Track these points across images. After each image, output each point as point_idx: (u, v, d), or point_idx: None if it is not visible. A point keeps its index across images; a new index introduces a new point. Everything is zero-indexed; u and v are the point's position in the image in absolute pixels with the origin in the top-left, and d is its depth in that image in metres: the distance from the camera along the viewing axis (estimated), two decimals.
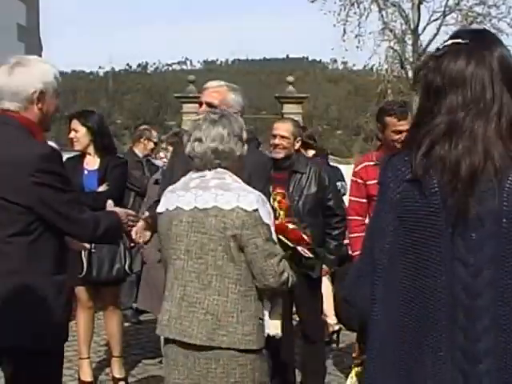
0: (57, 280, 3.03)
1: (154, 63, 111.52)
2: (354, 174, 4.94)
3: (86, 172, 5.29)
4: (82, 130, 5.24)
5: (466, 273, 1.81)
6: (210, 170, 3.17)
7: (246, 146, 3.27)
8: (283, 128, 5.11)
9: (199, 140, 3.17)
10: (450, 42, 1.94)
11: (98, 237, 3.19)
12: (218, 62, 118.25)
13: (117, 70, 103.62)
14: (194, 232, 3.10)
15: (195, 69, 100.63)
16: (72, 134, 5.28)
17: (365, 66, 29.01)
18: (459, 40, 1.91)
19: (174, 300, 3.16)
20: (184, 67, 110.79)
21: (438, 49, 1.98)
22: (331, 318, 6.31)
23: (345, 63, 44.64)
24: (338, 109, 73.38)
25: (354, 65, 44.68)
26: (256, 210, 3.05)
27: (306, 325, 5.27)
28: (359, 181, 4.83)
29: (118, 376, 5.44)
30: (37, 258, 2.96)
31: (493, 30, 24.71)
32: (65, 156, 6.06)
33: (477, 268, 1.80)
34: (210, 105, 4.03)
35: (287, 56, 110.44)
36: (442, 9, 24.73)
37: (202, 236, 3.08)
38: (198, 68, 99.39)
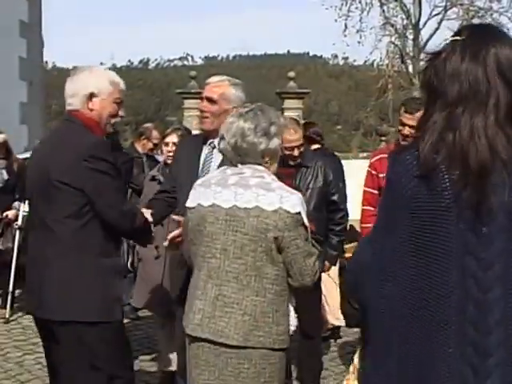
0: (105, 263, 3.27)
1: (156, 59, 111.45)
2: (370, 165, 5.04)
3: None
4: None
5: (478, 266, 1.81)
6: (235, 165, 3.15)
7: (276, 140, 3.18)
8: (295, 138, 4.90)
9: (222, 137, 3.17)
10: (450, 39, 1.94)
11: (134, 230, 3.36)
12: (219, 58, 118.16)
13: (118, 66, 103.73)
14: (231, 231, 3.02)
15: (196, 65, 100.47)
16: None
17: (365, 62, 28.98)
18: (457, 37, 1.92)
19: (208, 299, 3.08)
20: (185, 63, 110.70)
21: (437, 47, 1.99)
22: (332, 315, 6.26)
23: (345, 58, 44.60)
24: (338, 104, 73.21)
25: (354, 60, 44.67)
26: (299, 213, 3.01)
27: (303, 320, 5.20)
28: (373, 172, 4.90)
29: None
30: (86, 241, 3.23)
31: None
32: None
33: (488, 262, 1.80)
34: (209, 99, 4.01)
35: (288, 51, 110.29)
36: (444, 3, 24.72)
37: (242, 236, 3.00)
38: (200, 64, 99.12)
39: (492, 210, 1.79)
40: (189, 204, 3.21)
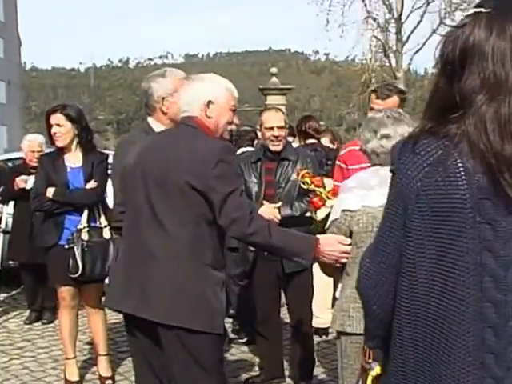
0: (215, 275, 3.19)
1: (136, 58, 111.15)
2: (339, 158, 4.92)
3: (68, 169, 5.16)
4: (67, 124, 5.07)
5: (496, 264, 1.65)
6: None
7: None
8: (277, 118, 5.01)
9: (387, 137, 3.21)
10: (471, 11, 1.75)
11: (248, 236, 3.15)
12: (200, 56, 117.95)
13: (98, 65, 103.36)
14: None
15: (177, 63, 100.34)
16: (56, 129, 5.07)
17: (347, 57, 28.96)
18: (481, 9, 1.72)
19: None
20: (166, 61, 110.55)
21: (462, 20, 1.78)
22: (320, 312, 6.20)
23: (327, 54, 44.61)
24: (320, 100, 73.43)
25: (336, 56, 44.72)
26: None
27: (295, 317, 5.20)
28: (342, 165, 4.79)
29: (104, 375, 5.32)
30: (201, 250, 3.15)
31: None
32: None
33: (508, 259, 1.65)
34: None
35: (269, 48, 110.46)
36: None
37: None
38: (180, 62, 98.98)
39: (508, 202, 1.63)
40: (350, 207, 3.18)
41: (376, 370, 2.02)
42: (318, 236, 3.23)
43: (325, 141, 7.82)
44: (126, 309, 3.26)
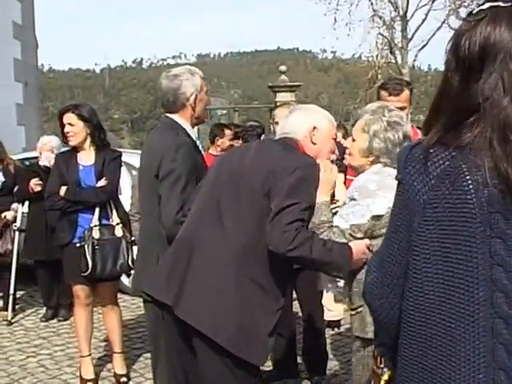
0: (262, 297, 2.93)
1: (149, 58, 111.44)
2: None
3: (81, 167, 5.02)
4: (79, 123, 4.95)
5: (508, 279, 1.53)
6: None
7: None
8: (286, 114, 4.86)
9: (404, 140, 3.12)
10: (487, 5, 1.56)
11: (287, 252, 2.79)
12: (212, 56, 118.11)
13: (113, 66, 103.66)
14: None
15: (189, 63, 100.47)
16: (68, 129, 4.96)
17: (353, 55, 28.86)
18: (499, 3, 1.55)
19: None
20: (179, 61, 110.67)
21: (470, 13, 1.60)
22: (330, 305, 6.07)
23: (334, 52, 44.61)
24: (328, 96, 73.34)
25: (342, 54, 44.65)
26: None
27: (307, 312, 5.08)
28: None
29: (120, 372, 5.18)
30: (250, 262, 2.90)
31: None
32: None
33: None
34: None
35: (278, 47, 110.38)
36: None
37: None
38: (193, 62, 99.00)
39: None
40: (378, 212, 2.94)
41: (387, 374, 1.91)
42: (350, 245, 2.91)
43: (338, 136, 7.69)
44: (166, 299, 2.99)
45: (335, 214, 3.10)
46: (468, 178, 1.52)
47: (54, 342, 6.27)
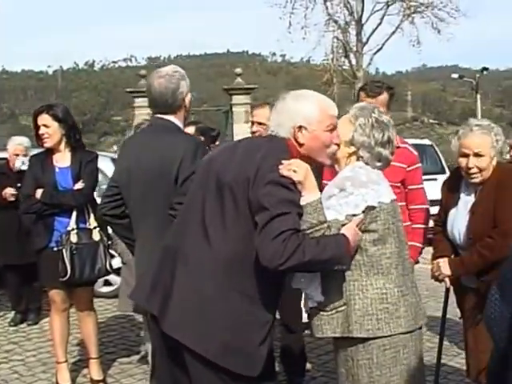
0: (252, 310, 2.70)
1: (101, 60, 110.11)
2: None
3: (57, 170, 4.76)
4: (54, 124, 4.70)
5: None
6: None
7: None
8: (259, 115, 4.71)
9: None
10: None
11: (279, 266, 2.54)
12: (162, 58, 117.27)
13: (65, 68, 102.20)
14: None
15: (140, 65, 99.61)
16: (43, 130, 4.70)
17: (302, 58, 29.03)
18: None
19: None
20: (129, 64, 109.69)
21: None
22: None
23: (283, 56, 44.71)
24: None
25: (291, 57, 44.78)
26: None
27: (285, 314, 4.92)
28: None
29: (96, 378, 4.97)
30: (239, 273, 2.67)
31: (434, 20, 24.88)
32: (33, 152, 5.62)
33: None
34: None
35: (228, 50, 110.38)
36: None
37: None
38: (143, 64, 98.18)
39: None
40: (371, 203, 2.82)
41: None
42: (342, 231, 2.69)
43: None
44: (151, 309, 2.80)
45: None
46: None
47: (26, 348, 6.00)
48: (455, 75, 47.07)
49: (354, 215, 2.78)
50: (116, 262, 5.56)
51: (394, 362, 2.82)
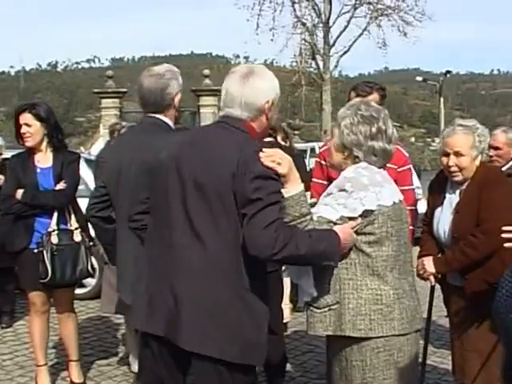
0: (254, 303, 2.68)
1: (64, 61, 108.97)
2: (319, 155, 4.60)
3: (38, 170, 4.65)
4: (36, 124, 4.59)
5: None
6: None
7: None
8: None
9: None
10: None
11: (272, 256, 2.53)
12: (126, 60, 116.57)
13: (28, 69, 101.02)
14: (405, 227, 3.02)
15: (104, 66, 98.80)
16: (25, 129, 4.58)
17: (265, 61, 29.10)
18: None
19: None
20: (93, 65, 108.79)
21: None
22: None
23: (246, 58, 44.83)
24: None
25: (255, 59, 44.84)
26: None
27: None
28: (322, 162, 4.45)
29: (77, 381, 4.88)
30: (239, 270, 2.63)
31: (400, 23, 25.09)
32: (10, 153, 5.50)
33: None
34: None
35: (192, 52, 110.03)
36: (352, 2, 24.76)
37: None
38: (107, 66, 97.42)
39: None
40: (372, 207, 2.77)
41: None
42: (335, 230, 2.69)
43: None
44: (155, 330, 2.71)
45: (313, 206, 2.90)
46: None
47: (1, 351, 5.86)
48: (419, 78, 47.54)
49: (351, 218, 2.75)
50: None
51: (388, 364, 2.79)
